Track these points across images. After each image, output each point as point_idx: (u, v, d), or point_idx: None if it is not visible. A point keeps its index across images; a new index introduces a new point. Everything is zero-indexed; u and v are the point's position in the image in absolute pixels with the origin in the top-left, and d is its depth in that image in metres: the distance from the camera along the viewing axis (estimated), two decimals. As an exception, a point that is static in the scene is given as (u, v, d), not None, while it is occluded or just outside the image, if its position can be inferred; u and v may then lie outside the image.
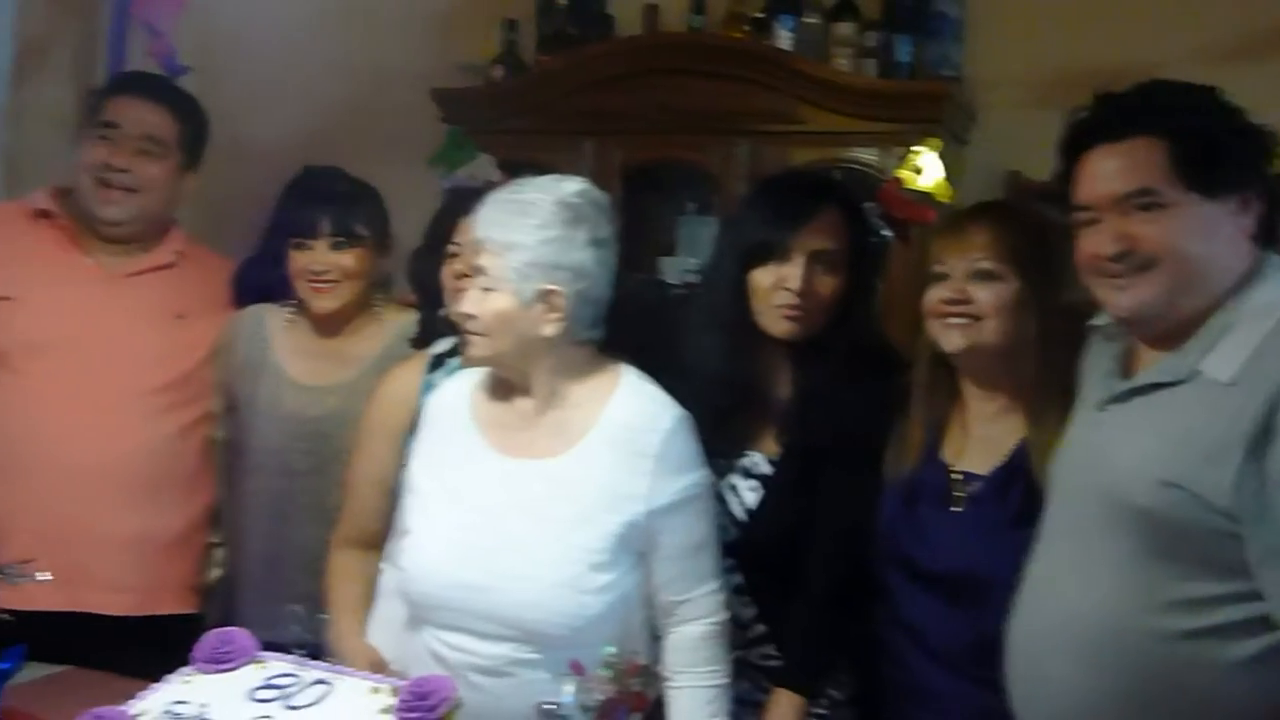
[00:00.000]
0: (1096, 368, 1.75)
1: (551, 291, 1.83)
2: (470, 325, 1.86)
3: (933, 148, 2.94)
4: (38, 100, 3.16)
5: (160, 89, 2.51)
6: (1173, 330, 1.61)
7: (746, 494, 2.06)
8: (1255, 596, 1.49)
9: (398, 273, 2.46)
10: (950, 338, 1.87)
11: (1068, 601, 1.62)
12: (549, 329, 1.85)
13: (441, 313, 2.21)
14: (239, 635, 1.73)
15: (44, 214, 2.40)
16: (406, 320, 2.36)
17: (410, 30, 3.54)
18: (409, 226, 2.39)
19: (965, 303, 1.85)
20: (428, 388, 2.12)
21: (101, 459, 2.26)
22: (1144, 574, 1.55)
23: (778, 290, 2.01)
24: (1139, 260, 1.58)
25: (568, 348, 1.89)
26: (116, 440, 2.29)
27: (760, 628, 2.04)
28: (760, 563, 2.02)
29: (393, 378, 2.21)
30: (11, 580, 1.82)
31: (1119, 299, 1.62)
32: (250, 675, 1.67)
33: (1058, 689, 1.62)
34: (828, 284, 2.02)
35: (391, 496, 2.09)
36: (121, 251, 2.41)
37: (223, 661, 1.69)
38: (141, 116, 2.40)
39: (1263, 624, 1.49)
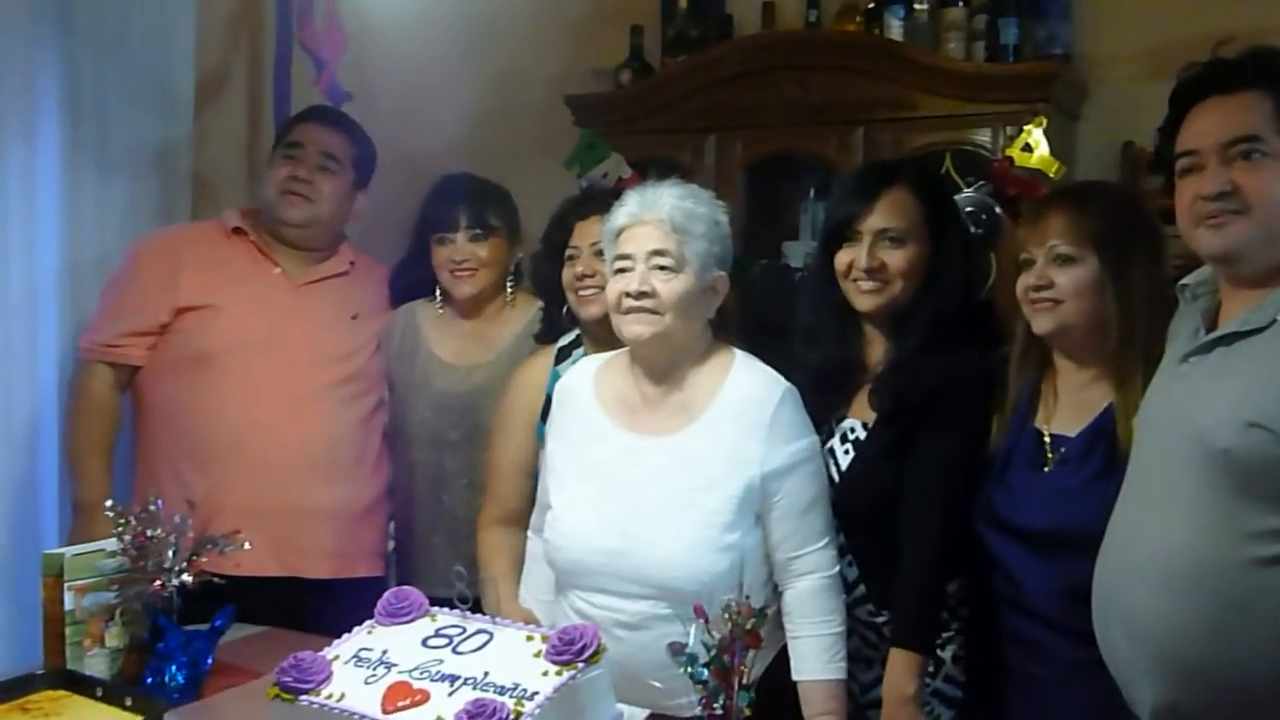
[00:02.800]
0: (1183, 326, 1.85)
1: (718, 278, 2.04)
2: (645, 303, 1.99)
3: (1040, 125, 3.02)
4: (216, 126, 3.43)
5: (337, 117, 2.80)
6: (1259, 276, 1.71)
7: (844, 459, 2.18)
8: None
9: (528, 265, 2.69)
10: (1038, 321, 1.99)
11: (1153, 538, 1.73)
12: (708, 312, 2.05)
13: (563, 310, 2.43)
14: (412, 593, 1.92)
15: (238, 231, 2.68)
16: (536, 307, 2.59)
17: (544, 39, 3.71)
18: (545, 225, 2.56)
19: (1048, 287, 1.96)
20: (555, 378, 2.30)
21: (297, 444, 2.53)
22: (1225, 508, 1.66)
23: (853, 270, 2.16)
24: (1236, 203, 1.69)
25: (700, 332, 2.08)
26: (309, 427, 2.55)
27: (862, 587, 2.15)
28: (857, 524, 2.13)
29: (525, 371, 2.43)
30: (222, 550, 2.05)
31: (1213, 239, 1.72)
32: (423, 627, 1.85)
33: (1144, 620, 1.72)
34: (898, 258, 2.14)
35: (530, 477, 2.31)
36: (303, 261, 2.69)
37: (399, 615, 1.88)
38: (321, 138, 2.69)
39: None
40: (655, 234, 2.01)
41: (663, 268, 2.00)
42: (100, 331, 2.59)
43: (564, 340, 2.45)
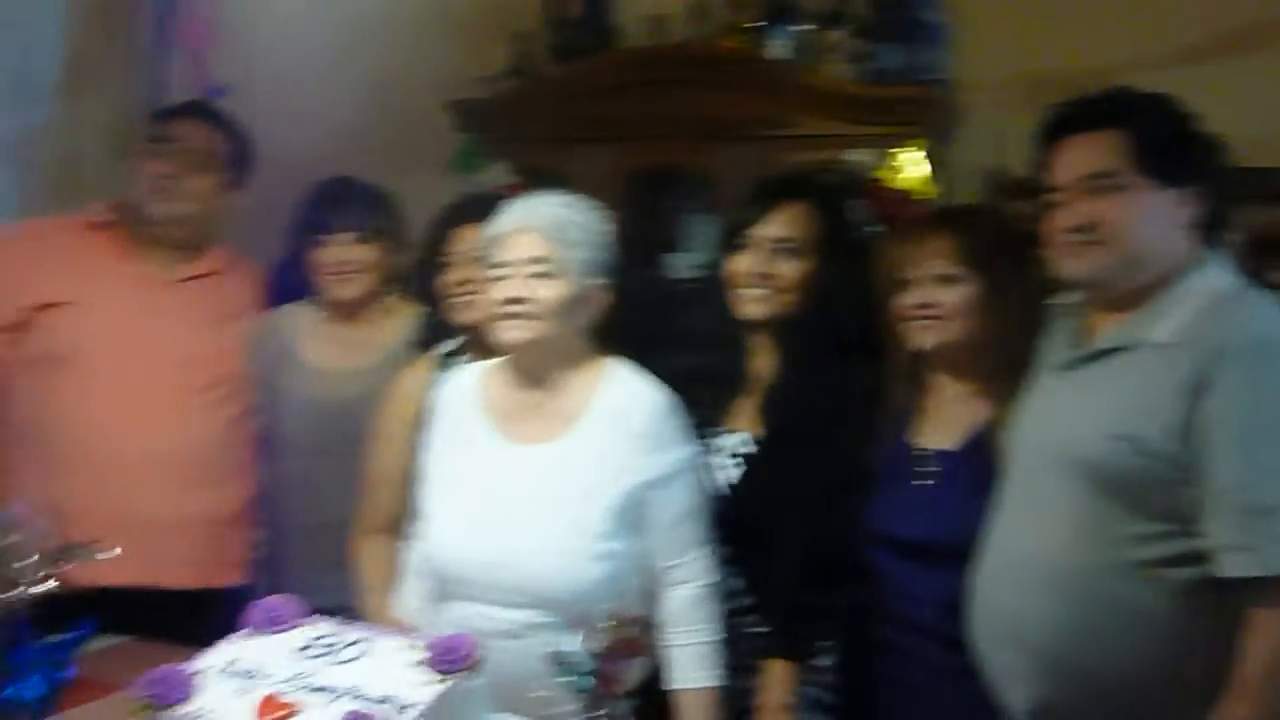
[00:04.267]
0: (1054, 343, 1.95)
1: (596, 286, 2.05)
2: (521, 309, 1.99)
3: (916, 148, 3.12)
4: (84, 115, 3.30)
5: (212, 113, 2.71)
6: (1121, 300, 1.83)
7: (731, 470, 2.21)
8: (1190, 532, 1.70)
9: (409, 272, 2.63)
10: (919, 338, 2.05)
11: (1027, 543, 1.83)
12: (585, 320, 2.06)
13: (440, 317, 2.40)
14: (287, 601, 1.88)
15: (103, 225, 2.58)
16: (415, 314, 2.54)
17: (428, 44, 3.65)
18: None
19: (930, 305, 2.03)
20: (435, 384, 2.28)
21: (160, 449, 2.45)
22: (1094, 516, 1.77)
23: (746, 276, 2.19)
24: (1096, 233, 1.80)
25: (577, 340, 2.08)
26: (173, 432, 2.47)
27: (747, 599, 2.16)
28: (744, 536, 2.14)
29: (404, 378, 2.39)
30: (82, 558, 1.95)
31: (1076, 266, 1.84)
32: (298, 636, 1.81)
33: (1019, 622, 1.82)
34: (790, 269, 2.18)
35: (407, 486, 2.26)
36: (172, 259, 2.60)
37: (273, 624, 1.84)
38: (192, 133, 2.60)
39: (1197, 557, 1.70)
40: (533, 241, 2.02)
41: (540, 275, 2.01)
42: None
43: (446, 348, 2.42)
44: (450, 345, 2.41)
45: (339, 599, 2.21)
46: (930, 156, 3.15)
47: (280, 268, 2.72)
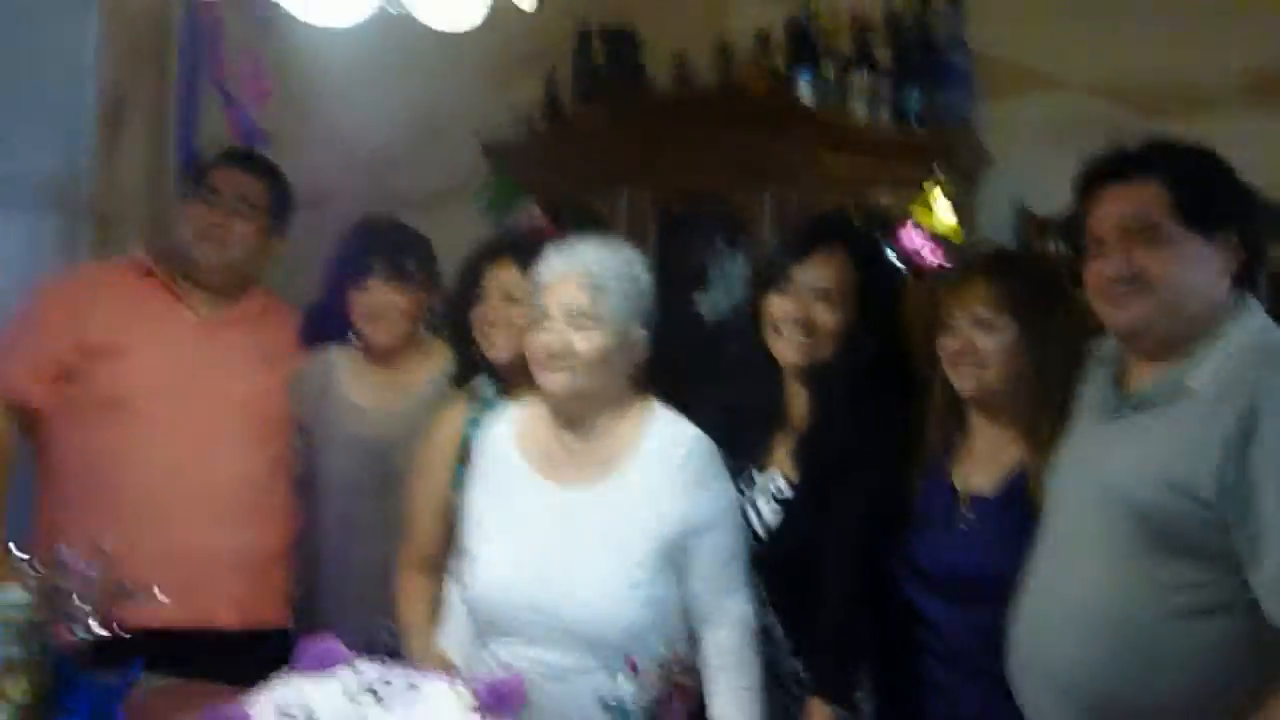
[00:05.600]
0: (1093, 389, 1.96)
1: (637, 332, 2.07)
2: (562, 360, 2.02)
3: (942, 189, 3.15)
4: (117, 159, 3.33)
5: (256, 161, 2.75)
6: (1162, 348, 1.84)
7: (768, 514, 2.21)
8: (1236, 580, 1.70)
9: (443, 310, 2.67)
10: (961, 382, 2.07)
11: (1072, 589, 1.84)
12: (627, 367, 2.08)
13: (473, 353, 2.42)
14: (334, 641, 1.89)
15: (148, 270, 2.62)
16: (449, 355, 2.56)
17: (461, 84, 3.69)
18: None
19: (971, 350, 2.05)
20: (473, 423, 2.32)
21: (206, 489, 2.48)
22: (1139, 561, 1.77)
23: (784, 321, 2.20)
24: (1139, 283, 1.81)
25: (619, 385, 2.10)
26: (218, 472, 2.50)
27: (787, 641, 2.17)
28: (782, 579, 2.15)
29: (442, 417, 2.42)
30: (130, 601, 1.96)
31: (1119, 316, 1.85)
32: (346, 677, 1.82)
33: (1063, 668, 1.82)
34: (829, 318, 2.19)
35: (448, 522, 2.30)
36: (214, 303, 2.63)
37: (321, 665, 1.84)
38: (238, 183, 2.64)
39: (1243, 605, 1.70)
40: (575, 291, 2.04)
41: (581, 325, 2.03)
42: (1, 370, 2.50)
43: (484, 386, 2.45)
44: (488, 384, 2.44)
45: (381, 638, 2.25)
46: (956, 198, 3.17)
47: (317, 308, 2.74)
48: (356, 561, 2.53)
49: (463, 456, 2.31)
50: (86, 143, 3.13)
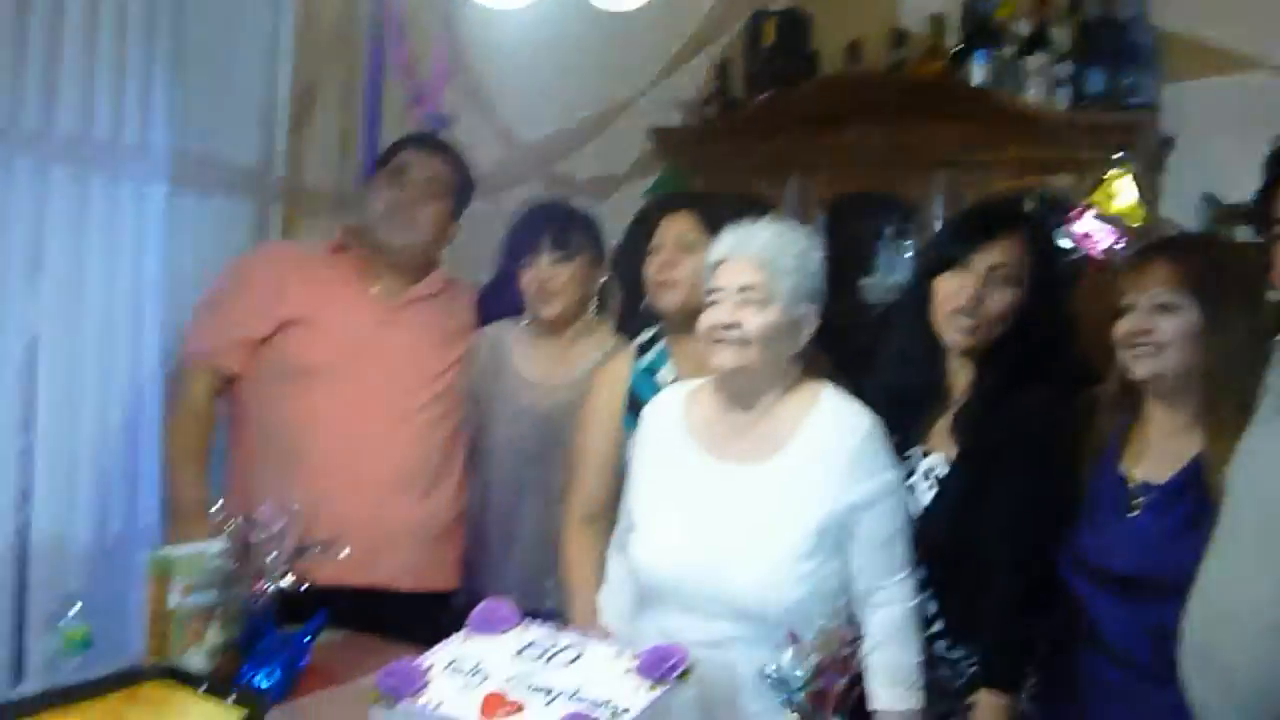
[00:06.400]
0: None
1: (808, 310, 2.10)
2: (730, 334, 2.06)
3: (1125, 173, 3.06)
4: (305, 143, 3.45)
5: (442, 145, 2.88)
6: None
7: (925, 493, 2.21)
8: None
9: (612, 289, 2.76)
10: (1137, 366, 2.02)
11: (1250, 590, 1.75)
12: (796, 345, 2.11)
13: (642, 304, 2.50)
14: (505, 604, 1.98)
15: (340, 249, 2.76)
16: (614, 338, 2.66)
17: (631, 70, 3.75)
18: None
19: (1149, 333, 2.00)
20: (636, 374, 2.41)
21: (388, 461, 2.59)
22: None
23: (958, 303, 2.19)
24: None
25: (787, 364, 2.13)
26: (398, 445, 2.61)
27: (940, 622, 2.17)
28: (936, 560, 2.14)
29: (607, 370, 2.52)
30: (318, 557, 2.11)
31: None
32: (515, 638, 1.91)
33: (1237, 670, 1.74)
34: (1001, 298, 2.18)
35: (614, 472, 2.38)
36: (400, 282, 2.75)
37: (492, 626, 1.94)
38: (426, 164, 2.76)
39: None
40: (746, 269, 2.08)
41: (750, 302, 2.06)
42: (204, 340, 2.65)
43: (643, 337, 2.52)
44: (648, 334, 2.51)
45: (547, 603, 2.34)
46: (1139, 182, 3.07)
47: (492, 286, 2.86)
48: (524, 527, 2.62)
49: (625, 406, 2.41)
50: (279, 128, 3.27)
